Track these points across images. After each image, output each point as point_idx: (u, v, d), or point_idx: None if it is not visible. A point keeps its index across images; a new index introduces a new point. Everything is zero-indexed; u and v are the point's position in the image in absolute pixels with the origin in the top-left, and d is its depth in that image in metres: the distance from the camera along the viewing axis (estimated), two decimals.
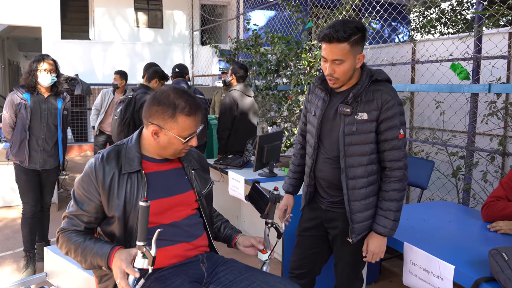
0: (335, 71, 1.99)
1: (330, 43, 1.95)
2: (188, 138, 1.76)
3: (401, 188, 2.06)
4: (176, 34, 9.61)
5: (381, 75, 2.06)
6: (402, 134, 2.02)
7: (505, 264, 1.74)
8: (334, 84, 2.04)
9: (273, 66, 5.66)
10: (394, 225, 2.06)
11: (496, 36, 3.79)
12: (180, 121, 1.72)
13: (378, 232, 2.06)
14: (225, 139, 4.43)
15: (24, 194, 3.59)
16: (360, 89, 2.02)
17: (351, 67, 1.99)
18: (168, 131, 1.73)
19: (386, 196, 2.05)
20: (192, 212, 1.86)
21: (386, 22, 4.80)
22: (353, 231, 2.10)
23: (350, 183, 2.07)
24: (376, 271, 3.56)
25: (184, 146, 1.77)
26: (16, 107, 3.48)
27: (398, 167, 2.04)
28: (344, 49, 1.93)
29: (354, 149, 2.04)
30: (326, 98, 2.13)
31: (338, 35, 1.91)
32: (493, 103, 3.54)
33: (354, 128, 2.02)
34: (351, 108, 2.02)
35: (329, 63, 1.99)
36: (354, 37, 1.93)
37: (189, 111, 1.72)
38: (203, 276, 1.78)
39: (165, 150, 1.79)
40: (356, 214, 2.08)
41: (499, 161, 3.61)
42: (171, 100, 1.71)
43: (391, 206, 2.04)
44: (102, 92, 5.93)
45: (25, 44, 12.48)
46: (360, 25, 1.96)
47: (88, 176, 1.74)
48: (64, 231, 1.75)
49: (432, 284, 2.02)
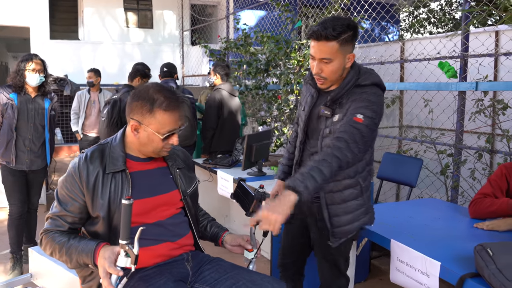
0: (322, 70, 1.91)
1: (319, 41, 1.86)
2: (167, 134, 1.72)
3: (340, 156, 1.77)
4: (166, 34, 9.58)
5: (368, 79, 1.95)
6: (359, 118, 1.84)
7: (490, 259, 1.75)
8: (322, 84, 1.97)
9: (263, 65, 5.66)
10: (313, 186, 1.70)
11: (482, 35, 3.82)
12: (158, 116, 1.69)
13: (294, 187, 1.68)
14: (209, 139, 4.42)
15: (10, 195, 3.55)
16: (339, 93, 1.95)
17: (340, 67, 1.90)
18: (146, 126, 1.71)
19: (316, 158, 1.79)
20: (176, 211, 1.85)
21: (376, 21, 4.81)
22: (333, 235, 2.05)
23: (327, 187, 2.02)
24: (365, 269, 3.57)
25: (164, 144, 1.74)
26: (2, 107, 3.44)
27: (341, 135, 1.82)
28: (332, 47, 1.85)
29: None
30: (315, 95, 2.09)
31: (327, 32, 1.83)
32: (480, 100, 3.56)
33: (328, 131, 1.98)
34: (331, 110, 1.97)
35: (317, 62, 1.91)
36: (344, 36, 1.84)
37: (167, 106, 1.69)
38: (188, 275, 1.77)
39: (145, 147, 1.76)
40: (334, 218, 2.04)
41: (487, 159, 3.63)
42: (150, 95, 1.70)
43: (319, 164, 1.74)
44: (77, 95, 5.82)
45: (14, 45, 12.38)
46: (351, 23, 1.88)
47: (72, 176, 1.72)
48: (48, 232, 1.73)
49: (419, 280, 2.02)
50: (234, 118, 4.55)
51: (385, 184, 4.20)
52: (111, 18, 9.12)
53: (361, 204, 2.06)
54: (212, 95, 4.43)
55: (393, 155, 3.96)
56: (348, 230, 2.05)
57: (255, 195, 1.89)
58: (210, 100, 4.42)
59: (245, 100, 6.13)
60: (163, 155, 1.82)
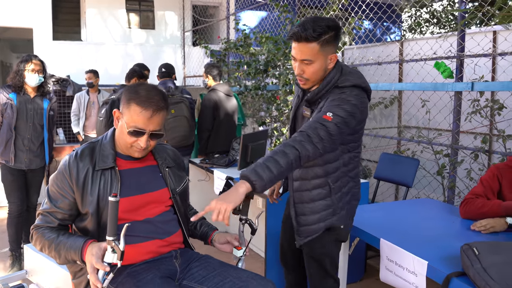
0: (304, 71, 1.91)
1: (299, 42, 1.86)
2: (132, 130, 1.70)
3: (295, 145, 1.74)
4: (167, 35, 9.61)
5: (347, 81, 1.92)
6: (328, 116, 1.81)
7: (475, 258, 1.76)
8: (304, 84, 1.97)
9: (262, 66, 5.68)
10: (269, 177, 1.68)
11: (478, 35, 3.82)
12: (131, 108, 1.70)
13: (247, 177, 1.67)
14: (204, 140, 4.44)
15: (10, 194, 3.60)
16: (318, 94, 1.95)
17: (321, 68, 1.90)
18: (122, 117, 1.74)
19: (276, 148, 1.78)
20: (165, 209, 1.87)
21: (376, 22, 4.82)
22: (298, 233, 2.06)
23: (295, 185, 2.04)
24: (361, 269, 3.58)
25: (131, 141, 1.73)
26: (2, 107, 3.49)
27: (304, 129, 1.82)
28: (313, 49, 1.85)
29: None
30: (300, 95, 2.11)
31: (307, 34, 1.82)
32: (476, 101, 3.57)
33: None
34: (311, 110, 1.99)
35: (298, 63, 1.90)
36: (324, 37, 1.84)
37: (142, 103, 1.69)
38: (176, 272, 1.79)
39: (121, 140, 1.78)
40: (300, 217, 2.05)
41: (483, 159, 3.63)
42: (136, 89, 1.73)
43: (274, 155, 1.73)
44: (76, 96, 5.88)
45: (18, 46, 12.46)
46: (332, 23, 1.87)
47: (62, 174, 1.76)
48: (38, 227, 1.77)
49: (407, 279, 2.03)
50: (230, 118, 4.57)
51: (383, 184, 4.22)
52: (113, 19, 9.16)
53: (329, 205, 2.02)
54: (207, 97, 4.45)
55: (390, 155, 3.97)
56: (314, 230, 2.04)
57: None
58: (205, 101, 4.45)
59: (245, 101, 6.16)
60: (133, 154, 1.79)
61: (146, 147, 1.75)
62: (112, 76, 8.47)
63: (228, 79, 6.44)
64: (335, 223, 2.06)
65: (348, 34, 5.28)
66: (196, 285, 1.76)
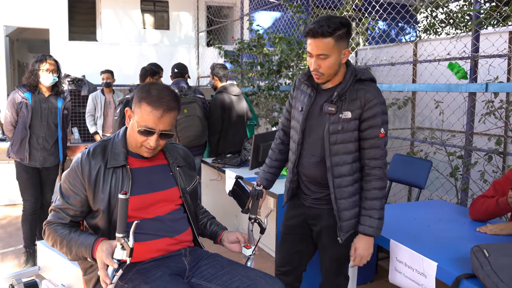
0: (320, 66, 1.99)
1: (315, 38, 1.96)
2: (142, 129, 1.72)
3: (382, 186, 2.06)
4: (182, 36, 9.67)
5: (365, 75, 2.06)
6: (382, 133, 2.02)
7: (485, 260, 1.74)
8: (319, 79, 2.04)
9: (275, 66, 5.68)
10: (380, 224, 2.06)
11: (493, 35, 3.77)
12: (142, 108, 1.72)
13: (365, 233, 2.05)
14: (215, 143, 4.45)
15: (24, 191, 3.66)
16: (345, 88, 2.02)
17: (336, 62, 1.99)
18: (134, 115, 1.76)
19: (368, 195, 2.05)
20: (175, 208, 1.89)
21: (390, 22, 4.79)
22: (341, 229, 2.10)
23: (336, 182, 2.07)
24: (372, 271, 3.56)
25: (141, 140, 1.75)
26: (17, 106, 3.55)
27: (377, 165, 2.04)
28: (328, 43, 1.94)
29: (339, 148, 2.04)
30: (312, 94, 2.13)
31: (323, 29, 1.92)
32: (490, 102, 3.52)
33: (339, 127, 2.02)
34: (335, 107, 2.03)
35: (314, 58, 1.99)
36: (338, 32, 1.94)
37: (152, 102, 1.71)
38: (185, 270, 1.81)
39: (132, 138, 1.80)
40: (343, 212, 2.08)
41: (497, 161, 3.58)
42: (148, 88, 1.75)
43: (375, 205, 2.04)
44: (91, 96, 5.92)
45: (35, 46, 12.64)
46: (344, 20, 1.98)
47: (74, 171, 1.78)
48: (50, 224, 1.80)
49: (417, 281, 2.02)
50: (239, 118, 4.57)
51: (396, 186, 4.19)
52: (128, 20, 9.24)
53: None
54: (214, 99, 4.46)
55: (403, 157, 3.94)
56: (355, 224, 2.11)
57: (251, 192, 1.92)
58: (212, 104, 4.46)
59: (258, 101, 6.17)
60: (143, 153, 1.81)
61: (155, 147, 1.76)
62: (126, 76, 8.55)
63: (241, 80, 6.46)
64: None
65: (362, 34, 5.26)
66: (204, 283, 1.77)
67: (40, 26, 8.54)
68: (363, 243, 2.07)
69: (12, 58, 10.95)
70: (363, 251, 2.07)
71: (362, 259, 2.09)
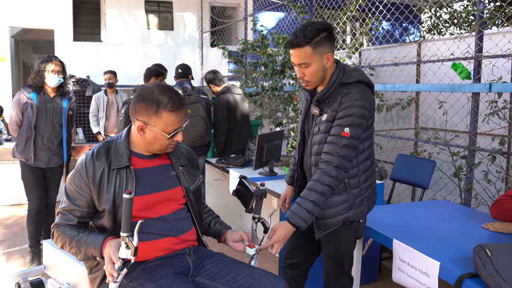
0: (304, 74, 2.04)
1: (293, 48, 2.00)
2: (172, 133, 1.79)
3: (328, 182, 1.99)
4: (186, 36, 9.71)
5: (350, 78, 2.04)
6: (346, 133, 1.99)
7: (488, 260, 1.75)
8: (307, 86, 2.11)
9: (279, 66, 5.70)
10: (307, 216, 1.98)
11: (497, 35, 3.77)
12: (164, 117, 1.75)
13: (289, 220, 1.99)
14: (222, 144, 4.47)
15: (29, 191, 3.68)
16: (326, 92, 2.06)
17: (319, 68, 2.02)
18: (153, 127, 1.77)
19: (309, 185, 2.03)
20: (179, 207, 1.91)
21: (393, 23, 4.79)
22: (318, 226, 2.16)
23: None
24: (375, 271, 3.57)
25: (170, 141, 1.81)
26: (23, 106, 3.58)
27: (328, 160, 2.01)
28: (307, 52, 1.97)
29: (318, 148, 2.11)
30: (308, 97, 2.22)
31: (298, 40, 1.96)
32: (494, 102, 3.52)
33: (317, 128, 2.11)
34: (319, 109, 2.10)
35: (298, 67, 2.05)
36: (316, 39, 1.95)
37: (172, 107, 1.76)
38: (189, 269, 1.82)
39: (151, 146, 1.83)
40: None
41: (501, 161, 3.58)
42: (155, 97, 1.76)
43: (309, 196, 1.99)
44: (95, 97, 5.96)
45: (39, 47, 12.73)
46: (322, 26, 1.99)
47: (79, 172, 1.80)
48: (59, 226, 1.81)
49: (419, 280, 2.03)
50: (244, 118, 4.58)
51: (399, 186, 4.19)
52: (133, 20, 9.29)
53: (345, 200, 2.13)
54: (219, 100, 4.48)
55: (406, 157, 3.95)
56: (332, 223, 2.14)
57: (255, 192, 1.93)
58: (217, 105, 4.47)
59: (261, 101, 6.18)
60: (168, 151, 1.89)
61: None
62: (131, 76, 8.60)
63: (245, 80, 6.48)
64: (351, 217, 2.16)
65: (366, 35, 5.26)
66: (208, 282, 1.79)
67: (45, 27, 8.60)
68: (282, 229, 1.98)
69: (17, 59, 11.02)
70: (278, 236, 1.97)
71: (275, 245, 1.97)
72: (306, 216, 1.97)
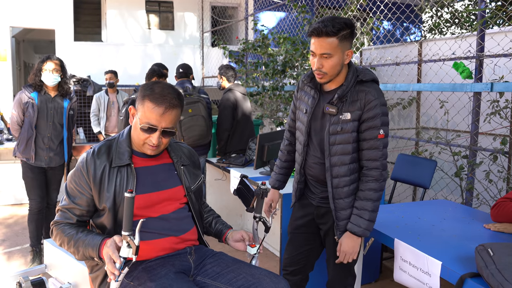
0: (323, 65, 2.00)
1: (319, 37, 1.96)
2: (145, 126, 1.74)
3: (378, 188, 2.06)
4: (187, 36, 9.70)
5: (367, 76, 2.07)
6: (382, 135, 2.03)
7: (490, 259, 1.74)
8: (322, 78, 2.04)
9: (280, 66, 5.69)
10: (369, 225, 2.06)
11: (499, 35, 3.76)
12: (145, 105, 1.74)
13: (352, 231, 2.06)
14: (224, 141, 4.46)
15: (30, 190, 3.68)
16: (345, 90, 2.03)
17: (339, 62, 2.00)
18: (136, 112, 1.78)
19: (362, 195, 2.07)
20: (180, 206, 1.90)
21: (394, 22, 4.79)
22: (337, 228, 2.13)
23: (334, 182, 2.10)
24: (376, 270, 3.56)
25: (144, 137, 1.76)
26: (24, 105, 3.57)
27: (375, 166, 2.05)
28: (332, 43, 1.95)
29: (337, 148, 2.07)
30: (315, 96, 2.14)
31: (327, 29, 1.93)
32: (495, 102, 3.51)
33: (338, 128, 2.05)
34: (336, 108, 2.05)
35: (318, 57, 2.00)
36: (343, 32, 1.95)
37: (155, 99, 1.72)
38: (190, 268, 1.82)
39: (135, 136, 1.81)
40: (340, 212, 2.11)
41: (502, 161, 3.57)
42: (151, 86, 1.77)
43: (366, 206, 2.05)
44: (96, 97, 5.97)
45: (41, 47, 12.73)
46: (348, 21, 1.99)
47: (80, 171, 1.79)
48: (58, 224, 1.81)
49: (421, 280, 2.02)
50: (246, 117, 4.58)
51: (400, 186, 4.18)
52: (133, 20, 9.28)
53: None
54: (225, 97, 4.47)
55: (407, 157, 3.94)
56: None
57: (255, 191, 1.93)
58: (223, 101, 4.46)
59: (262, 101, 6.18)
60: (146, 151, 1.82)
61: (158, 144, 1.78)
62: (131, 76, 8.60)
63: (246, 80, 6.47)
64: None
65: (367, 34, 5.26)
66: (209, 281, 1.78)
67: (46, 27, 8.60)
68: (348, 240, 2.08)
69: (18, 58, 11.02)
70: (347, 248, 2.08)
71: (346, 256, 2.09)
72: (368, 225, 2.06)
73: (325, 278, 2.40)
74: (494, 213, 2.44)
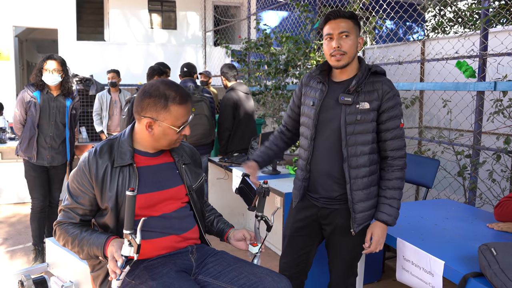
0: (341, 45, 2.02)
1: (337, 18, 2.03)
2: (181, 126, 1.80)
3: (403, 176, 2.11)
4: (189, 35, 9.71)
5: (379, 68, 2.10)
6: (402, 124, 2.08)
7: (493, 259, 1.73)
8: (340, 61, 2.03)
9: (282, 65, 5.69)
10: (397, 214, 2.09)
11: (502, 34, 3.75)
12: (173, 110, 1.75)
13: (382, 220, 2.06)
14: (225, 140, 4.46)
15: (32, 189, 3.69)
16: (362, 78, 2.04)
17: (354, 45, 2.05)
18: (161, 122, 1.76)
19: (390, 185, 2.08)
20: (182, 205, 1.90)
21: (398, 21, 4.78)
22: (354, 221, 2.08)
23: (353, 173, 2.06)
24: (379, 270, 3.55)
25: (178, 136, 1.82)
26: (26, 104, 3.57)
27: (400, 155, 2.09)
28: (349, 23, 2.03)
29: (356, 138, 2.03)
30: (324, 88, 2.11)
31: (343, 12, 2.04)
32: (499, 101, 3.50)
33: (358, 117, 2.02)
34: (352, 97, 2.03)
35: (336, 38, 2.02)
36: (355, 18, 2.05)
37: (181, 100, 1.76)
38: (191, 267, 1.82)
39: (159, 142, 1.82)
40: (358, 204, 2.07)
41: (506, 160, 3.56)
42: (162, 92, 1.75)
43: (395, 195, 2.07)
44: (98, 96, 5.98)
45: (43, 46, 12.76)
46: (354, 14, 2.08)
47: (82, 170, 1.79)
48: (61, 224, 1.81)
49: (423, 279, 2.02)
50: (250, 117, 4.58)
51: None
52: (136, 20, 9.30)
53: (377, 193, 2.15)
54: (227, 96, 4.47)
55: (410, 156, 3.92)
56: (369, 216, 2.11)
57: (258, 190, 1.92)
58: (224, 100, 4.46)
59: (265, 100, 6.17)
60: (176, 146, 1.89)
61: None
62: (134, 75, 8.62)
63: (248, 79, 6.47)
64: None
65: (369, 33, 5.25)
66: (211, 280, 1.78)
67: (49, 26, 8.62)
68: (379, 230, 2.08)
69: (21, 58, 11.05)
70: (378, 237, 2.08)
71: (377, 245, 2.10)
72: (397, 214, 2.09)
73: (325, 278, 2.38)
74: (497, 213, 2.43)
